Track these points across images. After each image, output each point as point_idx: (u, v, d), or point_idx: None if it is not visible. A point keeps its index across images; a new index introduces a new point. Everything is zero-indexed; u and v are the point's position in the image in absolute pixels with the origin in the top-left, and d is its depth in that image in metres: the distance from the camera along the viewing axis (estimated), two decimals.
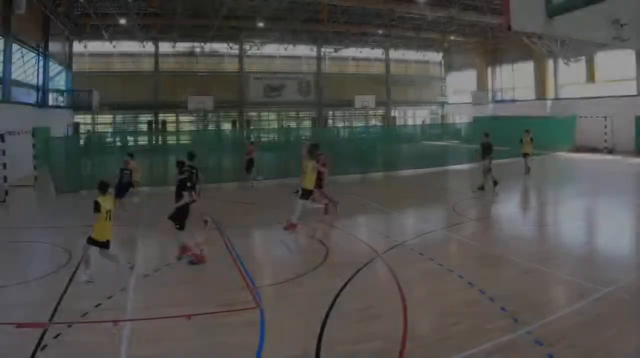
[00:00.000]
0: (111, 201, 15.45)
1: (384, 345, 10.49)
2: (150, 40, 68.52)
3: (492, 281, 14.05)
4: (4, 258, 17.22)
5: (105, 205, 14.72)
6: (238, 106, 74.18)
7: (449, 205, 26.20)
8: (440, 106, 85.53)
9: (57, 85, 59.40)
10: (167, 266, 16.28)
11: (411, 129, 67.29)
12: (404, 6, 54.54)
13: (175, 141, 52.63)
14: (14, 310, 12.51)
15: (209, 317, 12.03)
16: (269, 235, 20.93)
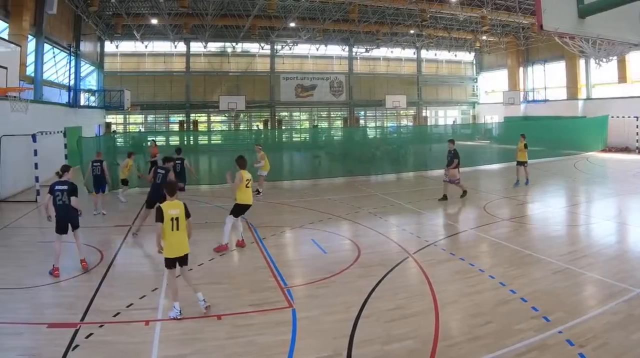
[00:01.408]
0: (180, 206, 12.63)
1: (415, 345, 10.50)
2: (182, 40, 68.69)
3: (523, 281, 14.05)
4: (36, 259, 17.36)
5: (170, 212, 12.39)
6: (269, 106, 74.18)
7: (480, 205, 26.13)
8: (471, 106, 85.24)
9: (88, 85, 59.88)
10: (199, 266, 16.32)
11: (442, 129, 67.15)
12: (435, 6, 54.45)
13: (206, 141, 52.83)
14: (46, 311, 12.64)
15: (240, 317, 12.07)
16: (300, 235, 20.86)
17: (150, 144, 30.65)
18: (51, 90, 44.43)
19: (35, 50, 40.17)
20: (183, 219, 12.46)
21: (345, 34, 70.60)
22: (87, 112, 53.88)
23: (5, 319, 11.90)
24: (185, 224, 12.53)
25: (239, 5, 57.71)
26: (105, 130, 63.66)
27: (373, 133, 62.59)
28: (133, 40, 66.97)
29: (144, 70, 70.39)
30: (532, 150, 36.98)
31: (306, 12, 59.17)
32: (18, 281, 14.72)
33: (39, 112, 34.23)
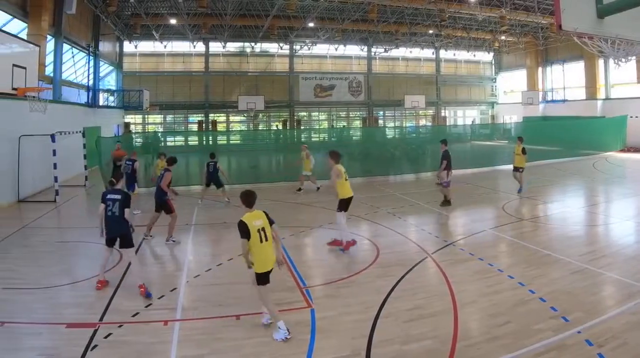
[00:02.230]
0: (262, 215, 11.96)
1: (434, 345, 10.52)
2: (201, 40, 68.98)
3: (542, 281, 14.04)
4: (54, 259, 17.47)
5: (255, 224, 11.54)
6: (288, 106, 74.33)
7: (498, 205, 26.14)
8: (490, 106, 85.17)
9: (107, 85, 60.09)
10: (217, 266, 16.40)
11: (461, 129, 67.11)
12: (454, 6, 54.41)
13: (225, 141, 52.93)
14: (65, 311, 12.66)
15: (259, 317, 12.06)
16: (319, 235, 20.83)
17: (115, 146, 29.85)
18: (70, 90, 44.68)
19: (54, 50, 40.38)
20: (268, 228, 11.84)
21: (364, 34, 70.63)
22: (106, 112, 54.12)
23: (24, 319, 12.03)
24: (271, 233, 11.89)
25: (257, 5, 57.90)
26: (124, 130, 63.86)
27: (392, 133, 62.63)
28: (152, 40, 67.25)
29: (162, 70, 70.75)
30: (551, 150, 36.91)
31: (325, 12, 59.28)
32: (37, 281, 14.82)
33: (58, 112, 34.37)
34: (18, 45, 23.94)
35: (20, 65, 22.98)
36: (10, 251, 18.54)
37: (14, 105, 26.80)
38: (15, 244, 19.57)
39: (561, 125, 54.81)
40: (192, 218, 23.57)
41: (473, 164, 41.87)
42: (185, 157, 29.85)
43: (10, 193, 27.05)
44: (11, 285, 14.41)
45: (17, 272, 15.86)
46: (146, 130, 70.88)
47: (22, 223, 23.07)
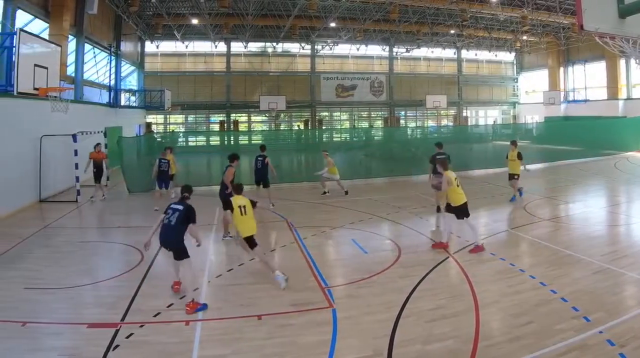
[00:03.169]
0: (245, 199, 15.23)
1: (456, 344, 10.53)
2: (222, 40, 69.12)
3: (563, 281, 14.01)
4: (76, 259, 17.52)
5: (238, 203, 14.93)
6: (310, 106, 74.45)
7: (520, 205, 26.08)
8: (511, 106, 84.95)
9: (129, 85, 60.40)
10: (239, 266, 16.44)
11: (482, 129, 66.98)
12: (476, 6, 54.31)
13: (247, 141, 53.00)
14: (86, 311, 12.75)
15: (281, 317, 12.13)
16: (340, 235, 20.86)
17: (95, 149, 29.04)
18: (92, 90, 44.83)
19: (75, 50, 40.51)
20: (249, 207, 15.01)
21: (385, 34, 70.69)
22: (128, 112, 54.32)
23: (45, 319, 12.11)
24: (251, 210, 15.05)
25: (279, 5, 58.09)
26: (146, 130, 64.10)
27: (413, 133, 62.57)
28: (173, 40, 67.63)
29: (184, 70, 71.09)
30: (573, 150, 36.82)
31: (346, 12, 59.27)
32: (58, 281, 14.89)
33: (80, 112, 34.46)
34: (40, 45, 24.04)
35: (42, 65, 23.08)
36: (32, 251, 18.66)
37: (35, 105, 26.90)
38: (36, 244, 19.69)
39: (583, 125, 54.69)
40: (214, 218, 23.55)
41: (495, 164, 41.68)
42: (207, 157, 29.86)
43: (32, 193, 27.15)
44: (33, 285, 14.49)
45: (39, 272, 15.95)
46: (168, 130, 71.15)
47: (43, 223, 23.19)
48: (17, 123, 25.81)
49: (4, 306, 12.87)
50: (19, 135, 26.01)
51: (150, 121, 69.24)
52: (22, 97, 23.50)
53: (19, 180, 25.68)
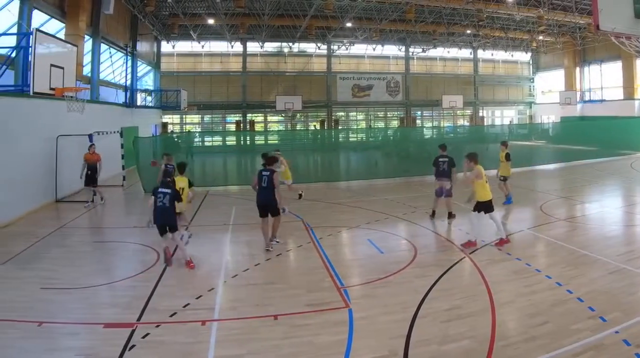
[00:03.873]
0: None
1: (472, 345, 10.51)
2: (239, 40, 69.34)
3: (579, 281, 13.95)
4: (92, 259, 17.63)
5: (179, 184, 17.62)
6: (326, 106, 74.60)
7: (536, 205, 26.06)
8: (528, 106, 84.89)
9: (145, 85, 60.73)
10: (255, 266, 16.43)
11: (498, 129, 66.91)
12: (492, 6, 54.20)
13: (263, 141, 53.10)
14: (102, 311, 12.77)
15: (297, 317, 12.13)
16: (357, 235, 20.84)
17: (89, 149, 27.88)
18: (108, 90, 45.14)
19: (91, 50, 40.75)
20: (187, 188, 18.21)
21: (401, 34, 70.77)
22: (144, 112, 54.54)
23: (62, 319, 12.13)
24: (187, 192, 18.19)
25: (295, 6, 58.22)
26: (162, 130, 64.29)
27: (429, 133, 62.58)
28: (190, 40, 67.99)
29: (200, 70, 71.45)
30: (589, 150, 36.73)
31: (363, 12, 59.31)
32: (74, 281, 14.94)
33: (96, 112, 34.60)
34: (56, 46, 24.10)
35: (58, 65, 23.15)
36: (48, 251, 18.73)
37: (51, 105, 26.98)
38: (53, 244, 19.76)
39: (599, 125, 54.64)
40: (230, 218, 23.60)
41: (511, 164, 41.78)
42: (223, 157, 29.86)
43: (48, 193, 27.23)
44: (49, 285, 14.55)
45: (55, 271, 16.00)
46: (184, 130, 71.45)
47: (59, 223, 23.26)
48: (33, 123, 25.88)
49: (20, 306, 12.94)
50: (35, 135, 26.09)
51: (167, 121, 69.55)
52: (38, 97, 23.56)
53: (35, 180, 25.76)
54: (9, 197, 23.03)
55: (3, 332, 11.39)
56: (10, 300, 13.37)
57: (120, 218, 25.38)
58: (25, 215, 24.28)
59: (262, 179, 18.10)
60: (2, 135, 22.70)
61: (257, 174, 18.47)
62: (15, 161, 23.62)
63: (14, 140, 23.69)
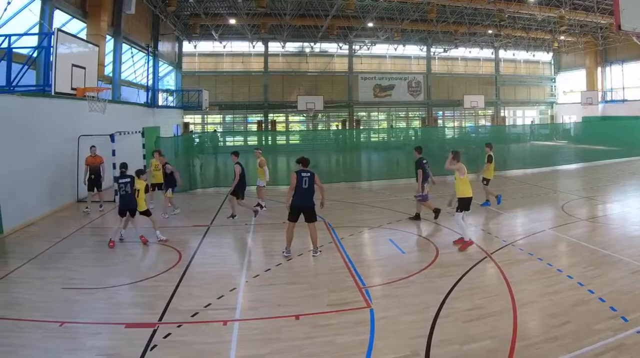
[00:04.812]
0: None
1: (493, 344, 10.54)
2: (260, 40, 69.55)
3: (601, 281, 13.96)
4: (113, 259, 17.73)
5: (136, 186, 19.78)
6: (347, 106, 74.60)
7: (558, 205, 25.98)
8: (549, 106, 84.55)
9: (166, 85, 60.81)
10: (277, 266, 16.47)
11: (520, 129, 66.80)
12: (514, 6, 53.99)
13: (284, 141, 53.16)
14: (124, 311, 12.90)
15: (318, 317, 12.19)
16: (378, 235, 20.85)
17: (90, 151, 27.17)
18: (129, 90, 45.30)
19: (113, 50, 40.88)
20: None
21: (423, 34, 70.66)
22: (165, 112, 54.69)
23: (83, 319, 12.24)
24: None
25: (317, 6, 58.04)
26: (184, 130, 64.44)
27: (451, 133, 62.53)
28: (211, 40, 68.28)
29: (222, 70, 71.47)
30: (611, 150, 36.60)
31: (384, 12, 59.35)
32: (96, 281, 15.07)
33: (117, 112, 34.70)
34: (77, 45, 24.11)
35: (80, 65, 23.19)
36: (70, 251, 18.85)
37: (73, 105, 27.06)
38: (74, 244, 19.89)
39: (620, 125, 54.41)
40: (252, 218, 23.52)
41: (532, 164, 41.81)
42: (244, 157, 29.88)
43: (70, 193, 27.31)
44: (71, 285, 14.69)
45: (77, 272, 16.15)
46: (205, 130, 71.65)
47: (81, 223, 23.47)
48: (55, 123, 26.00)
49: (42, 306, 13.06)
50: (57, 135, 26.25)
51: (188, 121, 69.73)
52: (59, 97, 23.65)
53: (57, 180, 25.86)
54: (31, 197, 23.20)
55: (25, 331, 11.52)
56: (33, 300, 13.50)
57: (142, 218, 25.47)
58: (46, 215, 24.48)
59: (303, 181, 17.39)
60: (24, 135, 22.86)
61: (295, 175, 17.57)
62: (36, 161, 23.75)
63: (35, 140, 23.82)
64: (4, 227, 20.74)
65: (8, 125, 21.63)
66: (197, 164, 34.99)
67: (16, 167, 21.93)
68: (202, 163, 35.13)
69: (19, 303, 13.27)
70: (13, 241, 20.20)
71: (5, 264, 16.96)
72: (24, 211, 22.48)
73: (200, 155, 36.47)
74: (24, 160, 22.63)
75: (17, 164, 22.07)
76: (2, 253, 18.52)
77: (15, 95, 22.42)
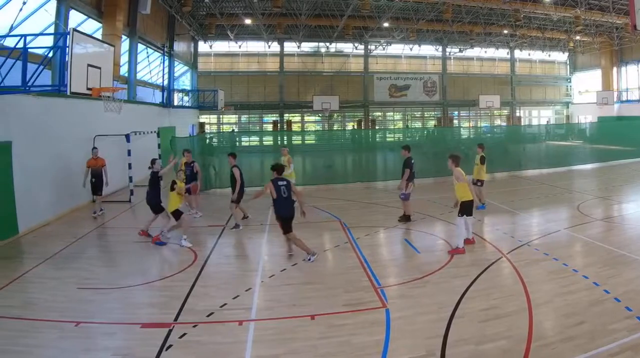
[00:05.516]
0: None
1: (509, 344, 10.54)
2: (276, 40, 69.68)
3: (617, 281, 13.92)
4: (129, 259, 17.78)
5: None
6: (363, 106, 74.61)
7: (573, 205, 25.90)
8: (565, 106, 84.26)
9: (182, 85, 60.92)
10: (293, 266, 16.53)
11: (535, 128, 66.63)
12: (529, 6, 53.87)
13: (300, 141, 53.14)
14: (139, 311, 12.97)
15: (334, 317, 12.21)
16: (394, 235, 20.89)
17: (93, 152, 26.22)
18: (145, 90, 45.45)
19: (128, 50, 41.02)
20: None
21: (438, 34, 70.49)
22: (181, 112, 54.99)
23: (99, 319, 12.30)
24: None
25: (332, 6, 58.08)
26: (199, 130, 64.59)
27: (466, 133, 62.47)
28: (227, 40, 68.38)
29: (237, 70, 71.70)
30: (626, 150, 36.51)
31: (400, 12, 59.22)
32: (111, 281, 15.16)
33: (133, 112, 34.81)
34: (93, 45, 24.10)
35: (95, 65, 23.23)
36: (86, 251, 19.00)
37: (88, 105, 27.13)
38: (90, 244, 20.10)
39: (636, 125, 54.13)
40: (267, 218, 23.58)
41: (548, 164, 41.73)
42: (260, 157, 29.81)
43: (85, 193, 27.33)
44: (86, 285, 14.78)
45: (92, 271, 16.28)
46: (221, 130, 71.77)
47: (96, 223, 23.60)
48: (70, 123, 26.08)
49: (57, 306, 13.14)
50: (72, 135, 26.32)
51: (204, 121, 70.07)
52: (75, 97, 23.71)
53: (73, 180, 25.85)
54: (46, 198, 23.29)
55: (41, 331, 11.60)
56: (48, 300, 13.58)
57: (158, 218, 25.52)
58: (62, 215, 24.62)
59: (281, 189, 17.03)
60: (41, 134, 22.95)
61: (272, 184, 17.08)
62: (52, 161, 23.84)
63: (51, 140, 23.91)
64: (19, 227, 20.84)
65: (24, 125, 21.71)
66: (215, 163, 34.91)
67: (32, 167, 22.01)
68: (215, 164, 35.04)
69: (35, 304, 13.36)
70: (29, 241, 20.33)
71: (20, 264, 17.08)
72: (39, 211, 22.59)
73: (211, 156, 36.36)
74: (39, 160, 22.72)
75: (33, 164, 22.15)
76: (18, 254, 18.66)
77: (31, 95, 22.53)
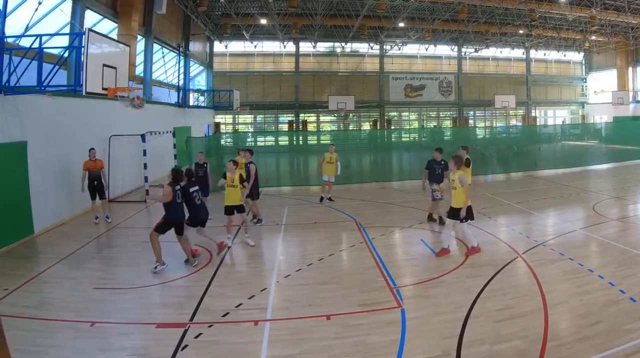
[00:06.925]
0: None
1: (524, 344, 10.50)
2: (291, 40, 69.73)
3: (632, 281, 13.86)
4: (145, 259, 17.67)
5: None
6: (379, 106, 74.57)
7: (589, 205, 25.78)
8: (580, 106, 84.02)
9: (197, 85, 61.06)
10: (308, 266, 16.51)
11: (551, 128, 66.56)
12: (545, 6, 53.76)
13: (315, 141, 53.20)
14: (155, 311, 13.00)
15: (349, 317, 12.19)
16: (409, 235, 20.81)
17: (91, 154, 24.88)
18: (160, 90, 45.61)
19: (144, 50, 41.21)
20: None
21: (454, 34, 70.27)
22: (196, 112, 55.00)
23: (115, 319, 12.34)
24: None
25: (348, 6, 58.13)
26: (215, 130, 64.70)
27: (482, 133, 62.46)
28: (242, 40, 68.31)
29: (253, 70, 71.87)
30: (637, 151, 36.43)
31: (415, 12, 59.16)
32: (127, 281, 15.20)
33: (148, 112, 34.82)
34: (108, 45, 24.11)
35: (111, 65, 23.26)
36: (101, 251, 19.20)
37: (104, 105, 27.21)
38: (105, 244, 20.22)
39: None
40: (283, 218, 23.71)
41: (563, 164, 41.71)
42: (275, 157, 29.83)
43: None
44: (102, 285, 14.83)
45: (108, 272, 16.38)
46: (236, 130, 72.02)
47: (112, 224, 23.64)
48: (86, 123, 26.15)
49: (73, 306, 13.18)
50: (88, 135, 26.34)
51: (219, 121, 70.26)
52: (90, 97, 23.77)
53: None
54: (62, 197, 23.38)
55: (57, 331, 11.63)
56: (64, 300, 13.63)
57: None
58: (77, 215, 24.75)
59: (177, 195, 16.99)
60: (56, 134, 23.01)
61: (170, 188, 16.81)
62: (67, 161, 23.89)
63: (66, 140, 23.96)
64: (35, 226, 20.97)
65: (39, 125, 21.77)
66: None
67: (47, 167, 22.08)
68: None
69: (50, 303, 13.41)
70: (44, 241, 20.40)
71: (36, 264, 17.16)
72: (54, 211, 22.74)
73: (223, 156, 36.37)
74: (55, 160, 22.81)
75: (48, 163, 22.23)
76: (34, 253, 18.74)
77: (47, 95, 22.60)
